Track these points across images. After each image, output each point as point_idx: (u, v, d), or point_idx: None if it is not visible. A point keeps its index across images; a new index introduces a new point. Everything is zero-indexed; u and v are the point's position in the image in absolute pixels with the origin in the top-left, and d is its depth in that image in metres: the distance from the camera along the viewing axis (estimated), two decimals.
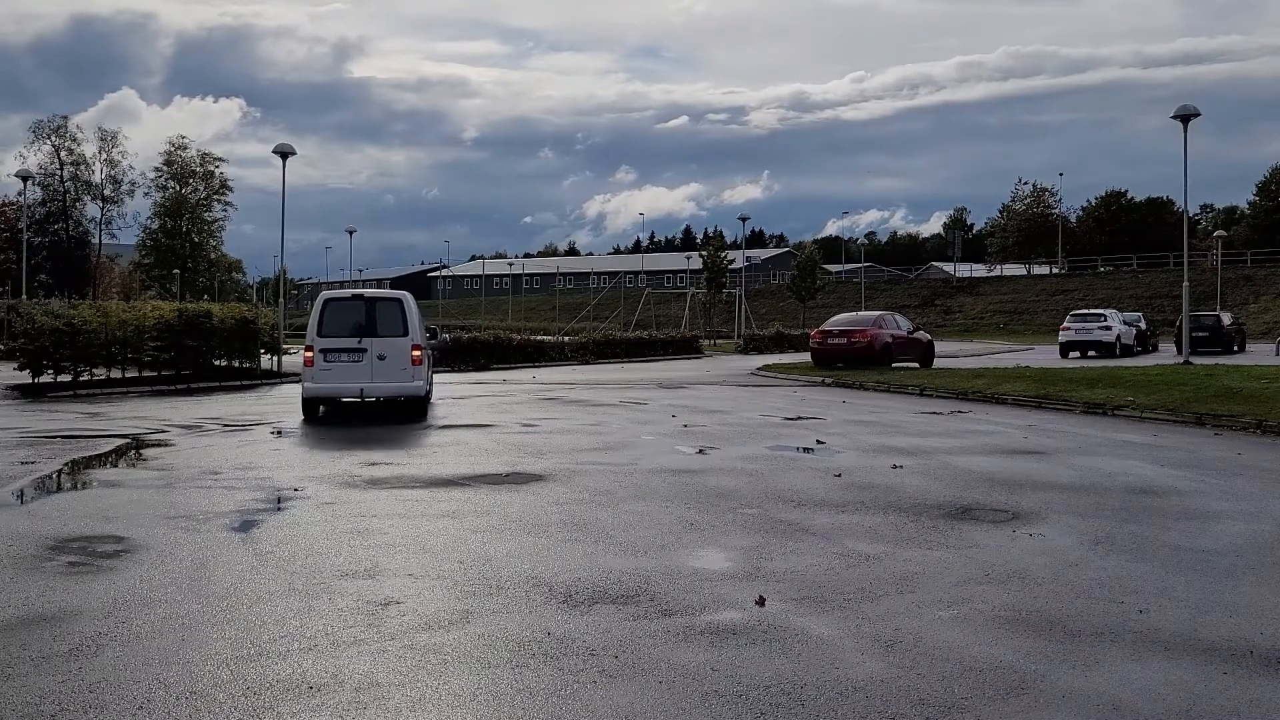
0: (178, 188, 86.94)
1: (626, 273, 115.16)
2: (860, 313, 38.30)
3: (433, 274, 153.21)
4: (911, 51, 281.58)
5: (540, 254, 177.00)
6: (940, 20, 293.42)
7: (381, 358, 16.37)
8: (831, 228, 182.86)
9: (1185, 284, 28.97)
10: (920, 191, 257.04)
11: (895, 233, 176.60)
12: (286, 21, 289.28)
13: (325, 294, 17.47)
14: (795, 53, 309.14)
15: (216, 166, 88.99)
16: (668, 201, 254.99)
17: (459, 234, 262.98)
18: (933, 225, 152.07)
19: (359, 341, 16.41)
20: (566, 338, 45.32)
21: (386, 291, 17.90)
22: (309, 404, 16.77)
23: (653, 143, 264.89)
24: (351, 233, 79.73)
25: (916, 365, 29.68)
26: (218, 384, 25.18)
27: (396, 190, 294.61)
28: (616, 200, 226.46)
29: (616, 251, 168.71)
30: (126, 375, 24.49)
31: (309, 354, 16.47)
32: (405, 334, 16.60)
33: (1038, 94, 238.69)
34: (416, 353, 16.58)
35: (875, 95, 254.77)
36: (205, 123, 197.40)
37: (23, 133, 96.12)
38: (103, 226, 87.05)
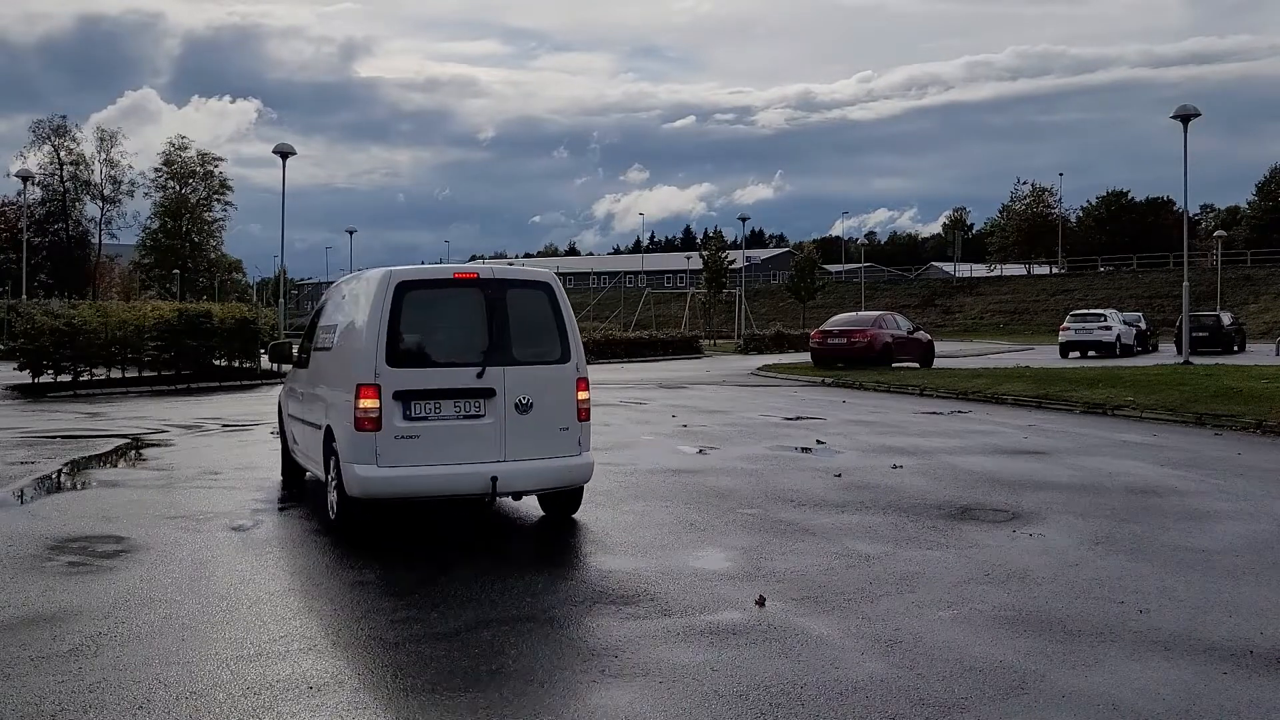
0: (178, 188, 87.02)
1: (626, 273, 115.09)
2: (860, 313, 38.29)
3: None
4: (918, 51, 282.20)
5: (540, 254, 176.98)
6: (945, 20, 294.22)
7: (524, 406, 7.83)
8: (839, 228, 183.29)
9: (1185, 284, 28.97)
10: (930, 191, 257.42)
11: (895, 232, 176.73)
12: (295, 21, 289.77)
13: (393, 273, 7.97)
14: (800, 53, 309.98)
15: (216, 166, 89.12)
16: (679, 201, 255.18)
17: (467, 234, 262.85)
18: (939, 225, 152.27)
19: (479, 375, 7.78)
20: None
21: (519, 271, 8.64)
22: (364, 510, 7.85)
23: (661, 143, 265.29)
24: (352, 233, 79.72)
25: (916, 365, 29.68)
26: (218, 384, 25.18)
27: (401, 190, 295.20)
28: (626, 200, 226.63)
29: (617, 251, 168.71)
30: (126, 375, 24.49)
31: (368, 403, 7.56)
32: (564, 355, 8.14)
33: (1047, 94, 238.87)
34: (584, 395, 8.21)
35: (883, 95, 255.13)
36: (223, 122, 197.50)
37: (28, 133, 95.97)
38: (102, 226, 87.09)
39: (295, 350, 10.41)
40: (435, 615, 5.86)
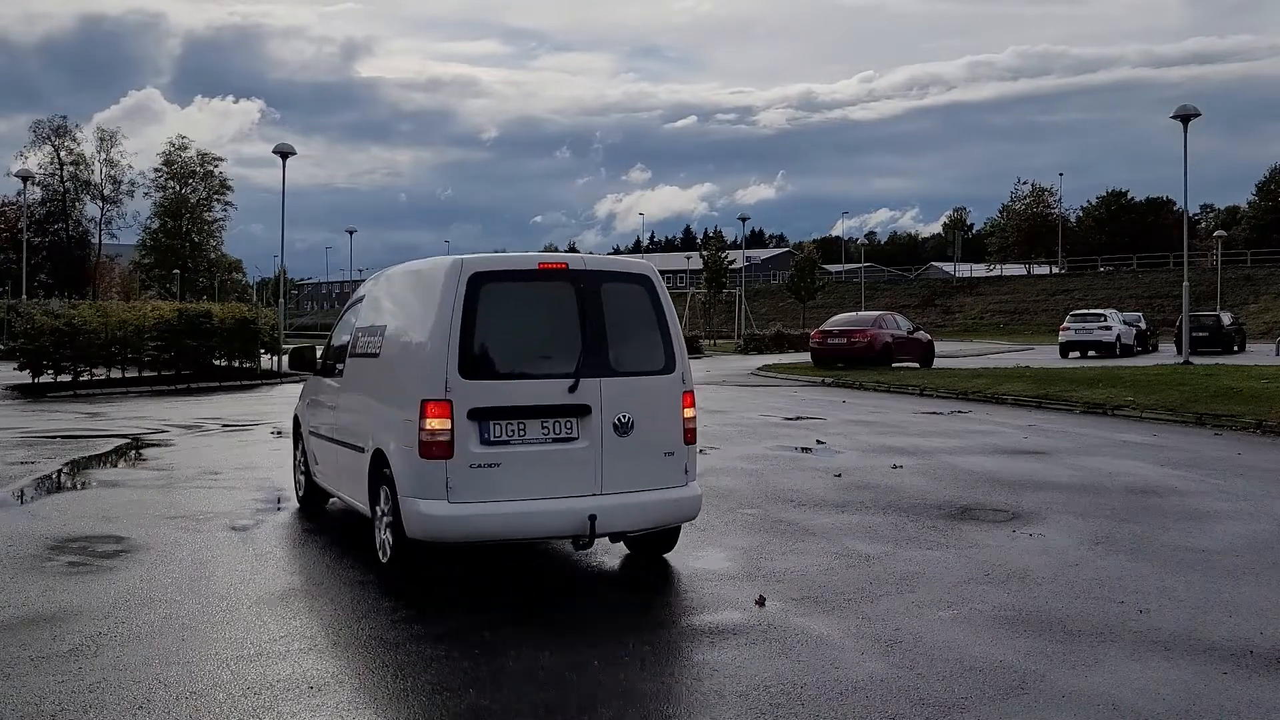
0: (177, 188, 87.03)
1: None
2: (860, 313, 38.28)
3: None
4: (918, 51, 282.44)
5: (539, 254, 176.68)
6: (945, 20, 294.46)
7: (623, 427, 6.53)
8: (840, 227, 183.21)
9: (1185, 284, 28.98)
10: (931, 191, 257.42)
11: (895, 232, 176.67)
12: (296, 21, 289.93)
13: (466, 262, 6.55)
14: (800, 53, 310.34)
15: (216, 166, 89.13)
16: (681, 201, 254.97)
17: (469, 234, 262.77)
18: (940, 225, 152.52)
19: (572, 388, 6.44)
20: None
21: (615, 261, 7.38)
22: (417, 552, 6.47)
23: (662, 143, 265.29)
24: (351, 233, 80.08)
25: (916, 365, 29.67)
26: (218, 384, 25.18)
27: (403, 190, 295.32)
28: (629, 200, 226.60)
29: (616, 251, 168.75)
30: (126, 375, 24.49)
31: (437, 424, 6.23)
32: (670, 364, 6.87)
33: (1048, 94, 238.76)
34: (690, 412, 6.94)
35: (885, 95, 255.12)
36: (226, 123, 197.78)
37: (28, 132, 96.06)
38: (102, 226, 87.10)
39: (319, 355, 9.06)
40: (434, 614, 5.86)
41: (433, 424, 6.14)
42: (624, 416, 6.45)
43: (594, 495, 6.34)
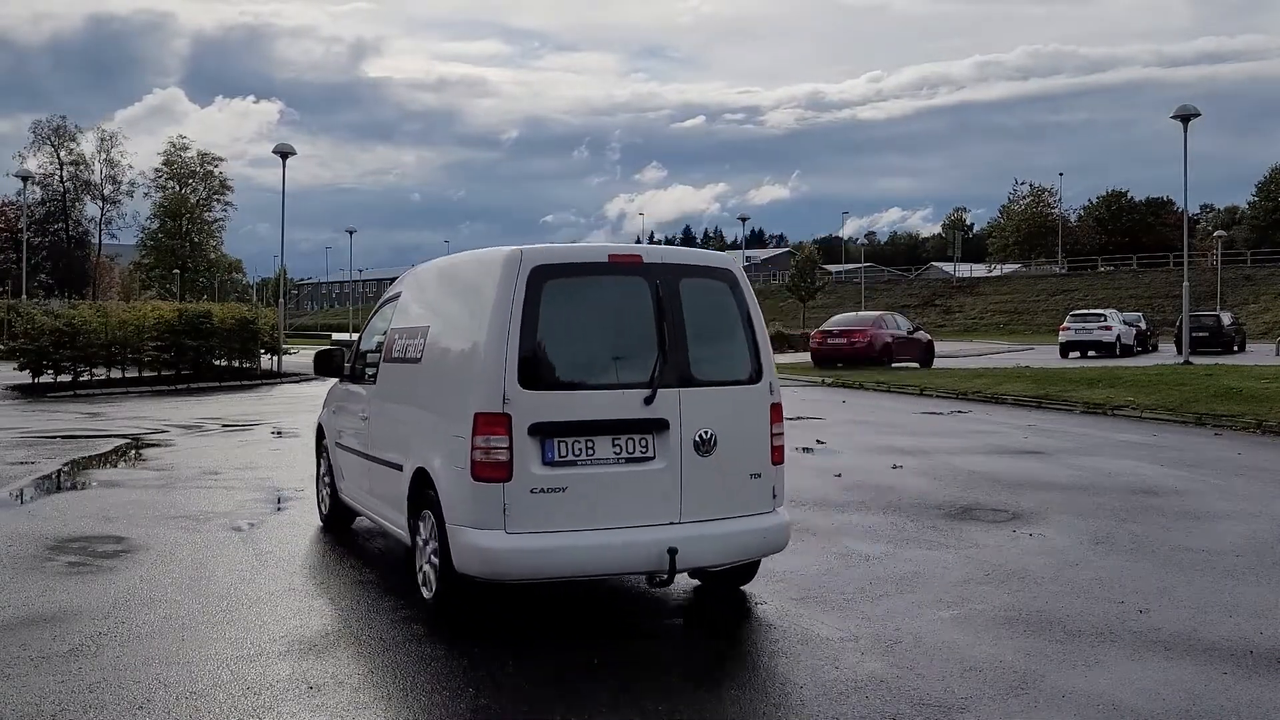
0: (177, 188, 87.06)
1: None
2: (860, 313, 38.28)
3: None
4: (923, 51, 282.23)
5: None
6: (949, 21, 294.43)
7: (705, 445, 5.67)
8: (852, 227, 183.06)
9: (1185, 284, 28.98)
10: (943, 191, 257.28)
11: (895, 233, 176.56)
12: (305, 21, 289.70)
13: (525, 254, 5.66)
14: (805, 53, 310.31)
15: (216, 166, 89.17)
16: (693, 201, 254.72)
17: (479, 233, 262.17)
18: (940, 225, 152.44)
19: (648, 400, 5.60)
20: None
21: (694, 254, 6.50)
22: (469, 588, 5.64)
23: (671, 143, 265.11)
24: (351, 233, 79.69)
25: (916, 365, 29.67)
26: (218, 384, 25.19)
27: (411, 190, 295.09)
28: (640, 200, 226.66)
29: None
30: (126, 375, 24.49)
31: (494, 441, 5.38)
32: (758, 373, 6.05)
33: (1058, 94, 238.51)
34: (778, 428, 6.06)
35: (893, 95, 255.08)
36: (245, 123, 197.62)
37: (28, 132, 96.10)
38: (102, 226, 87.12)
39: (347, 360, 8.19)
40: (428, 626, 5.85)
41: (489, 441, 5.33)
42: (706, 432, 5.61)
43: (673, 524, 5.52)
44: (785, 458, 6.05)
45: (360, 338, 8.09)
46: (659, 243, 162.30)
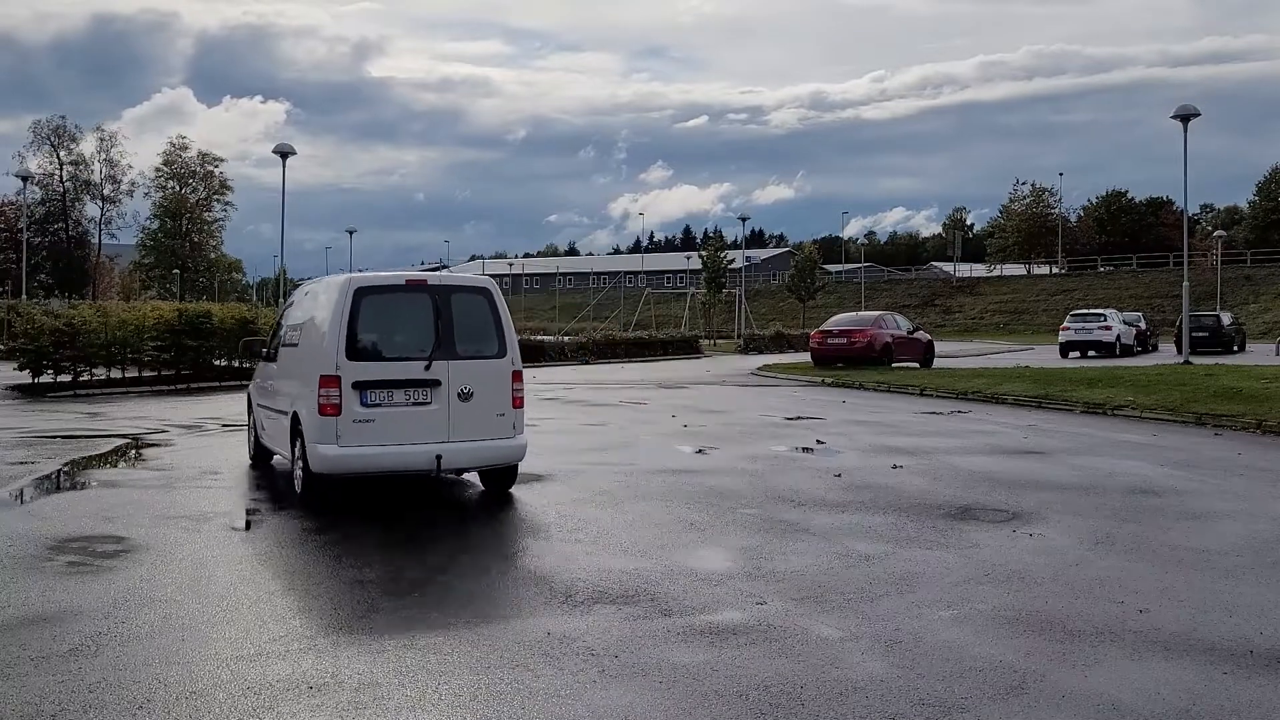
0: (177, 188, 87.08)
1: (626, 273, 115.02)
2: (860, 313, 38.29)
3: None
4: (927, 51, 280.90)
5: (540, 254, 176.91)
6: (952, 21, 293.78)
7: (465, 395, 8.96)
8: (855, 226, 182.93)
9: (1185, 284, 28.97)
10: (947, 191, 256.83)
11: (895, 232, 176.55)
12: (310, 21, 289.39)
13: (353, 279, 9.29)
14: (806, 53, 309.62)
15: (216, 166, 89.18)
16: (697, 201, 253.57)
17: (482, 233, 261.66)
18: (940, 225, 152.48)
19: (426, 368, 8.90)
20: (566, 338, 45.21)
21: (462, 278, 10.24)
22: (321, 484, 9.00)
23: (675, 143, 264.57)
24: (351, 233, 79.60)
25: (916, 365, 29.67)
26: (218, 384, 25.16)
27: (415, 189, 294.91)
28: (644, 200, 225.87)
29: (616, 252, 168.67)
30: (126, 375, 24.48)
31: (330, 391, 8.71)
32: (501, 351, 9.29)
33: (1063, 93, 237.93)
34: (518, 385, 9.36)
35: (897, 95, 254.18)
36: (252, 123, 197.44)
37: (28, 132, 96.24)
38: (102, 226, 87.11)
39: (265, 347, 11.48)
40: (436, 615, 5.86)
41: (327, 391, 8.66)
42: (465, 388, 8.95)
43: (442, 442, 8.85)
44: (525, 403, 9.46)
45: (274, 332, 11.29)
46: (657, 243, 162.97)
